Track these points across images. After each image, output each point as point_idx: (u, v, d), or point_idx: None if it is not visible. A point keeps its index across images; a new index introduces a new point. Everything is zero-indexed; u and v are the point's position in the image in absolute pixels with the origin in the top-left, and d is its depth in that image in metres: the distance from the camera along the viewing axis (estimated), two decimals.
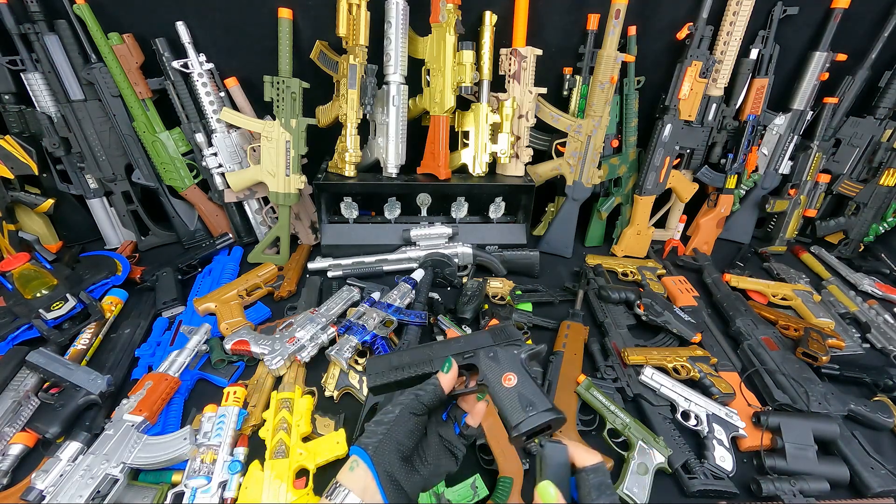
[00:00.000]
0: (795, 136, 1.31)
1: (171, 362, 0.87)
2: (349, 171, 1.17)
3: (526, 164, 1.28)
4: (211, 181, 1.24)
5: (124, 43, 1.08)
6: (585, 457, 0.49)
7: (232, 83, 1.16)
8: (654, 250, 1.38)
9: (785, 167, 1.36)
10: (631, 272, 1.25)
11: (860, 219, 1.38)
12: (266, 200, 1.29)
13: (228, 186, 1.21)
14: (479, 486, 0.72)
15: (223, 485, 0.70)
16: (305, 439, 0.78)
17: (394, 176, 1.19)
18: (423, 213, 1.28)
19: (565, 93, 1.25)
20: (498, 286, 1.14)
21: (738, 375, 0.95)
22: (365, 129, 1.19)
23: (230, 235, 1.28)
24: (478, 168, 1.22)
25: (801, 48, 1.24)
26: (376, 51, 1.11)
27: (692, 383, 0.92)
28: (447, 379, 0.55)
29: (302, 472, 0.75)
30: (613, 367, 0.93)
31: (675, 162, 1.29)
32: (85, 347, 0.94)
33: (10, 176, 1.11)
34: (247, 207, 1.30)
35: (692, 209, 1.42)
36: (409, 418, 0.51)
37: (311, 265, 1.20)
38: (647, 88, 1.24)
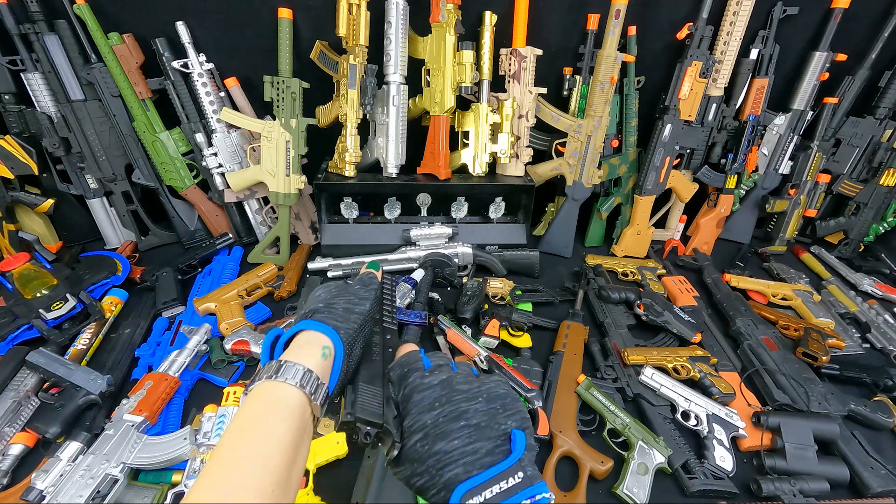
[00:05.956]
0: (795, 136, 1.31)
1: (171, 362, 0.87)
2: (349, 171, 1.17)
3: (526, 164, 1.27)
4: (211, 181, 1.24)
5: (124, 43, 1.08)
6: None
7: (232, 83, 1.16)
8: (654, 250, 1.38)
9: (785, 167, 1.36)
10: (631, 272, 1.25)
11: (860, 219, 1.38)
12: (266, 200, 1.29)
13: (228, 186, 1.21)
14: None
15: None
16: None
17: (394, 176, 1.19)
18: (423, 213, 1.28)
19: (565, 93, 1.25)
20: (498, 286, 1.14)
21: (738, 375, 0.95)
22: (365, 129, 1.19)
23: (230, 235, 1.28)
24: (478, 168, 1.22)
25: (801, 48, 1.23)
26: (376, 51, 1.11)
27: (692, 383, 0.92)
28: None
29: None
30: (613, 367, 0.93)
31: (675, 162, 1.29)
32: (85, 347, 0.94)
33: (10, 176, 1.11)
34: (247, 207, 1.29)
35: (692, 209, 1.42)
36: (372, 313, 0.50)
37: (311, 265, 1.19)
38: (647, 88, 1.24)
